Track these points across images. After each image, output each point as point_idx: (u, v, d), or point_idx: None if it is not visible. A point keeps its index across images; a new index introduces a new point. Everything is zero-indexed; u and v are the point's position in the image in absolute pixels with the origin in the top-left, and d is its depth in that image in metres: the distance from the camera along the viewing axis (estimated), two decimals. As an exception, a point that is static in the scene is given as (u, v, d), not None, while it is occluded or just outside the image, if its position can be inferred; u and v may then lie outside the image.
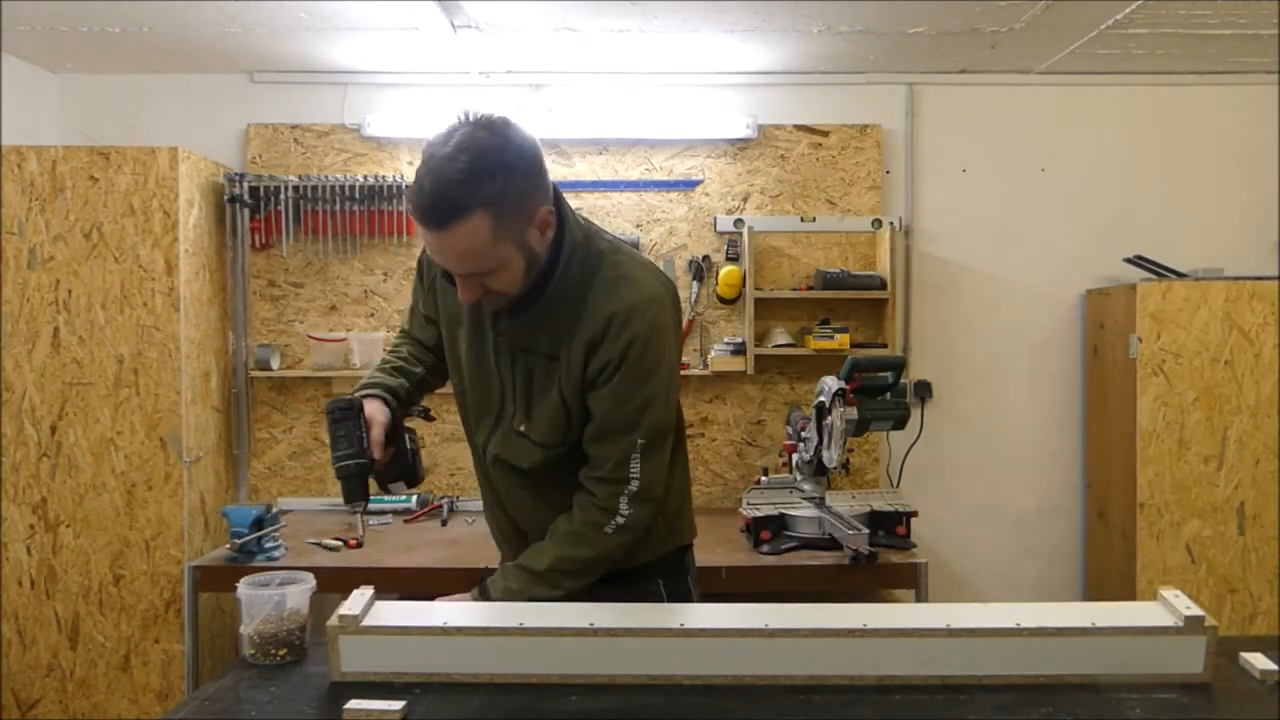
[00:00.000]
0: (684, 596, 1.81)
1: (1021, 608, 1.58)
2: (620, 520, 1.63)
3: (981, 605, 1.62)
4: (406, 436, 1.76)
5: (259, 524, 2.83)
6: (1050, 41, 3.26)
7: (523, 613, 1.57)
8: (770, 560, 2.80)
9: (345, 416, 1.67)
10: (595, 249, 1.62)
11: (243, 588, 1.68)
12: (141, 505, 3.13)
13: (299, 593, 1.69)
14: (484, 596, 1.67)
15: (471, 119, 1.46)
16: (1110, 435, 3.44)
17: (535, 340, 1.62)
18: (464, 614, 1.58)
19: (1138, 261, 3.45)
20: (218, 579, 2.83)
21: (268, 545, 2.85)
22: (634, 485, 1.62)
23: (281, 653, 1.64)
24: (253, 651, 1.65)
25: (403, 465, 1.75)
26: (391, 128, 3.56)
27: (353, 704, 1.42)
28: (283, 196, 3.48)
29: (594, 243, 1.63)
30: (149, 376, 3.13)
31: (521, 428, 1.67)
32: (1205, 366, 3.18)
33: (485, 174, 1.41)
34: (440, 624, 1.54)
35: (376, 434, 1.68)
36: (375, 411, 1.70)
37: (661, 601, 1.75)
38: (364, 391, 1.73)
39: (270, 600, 1.66)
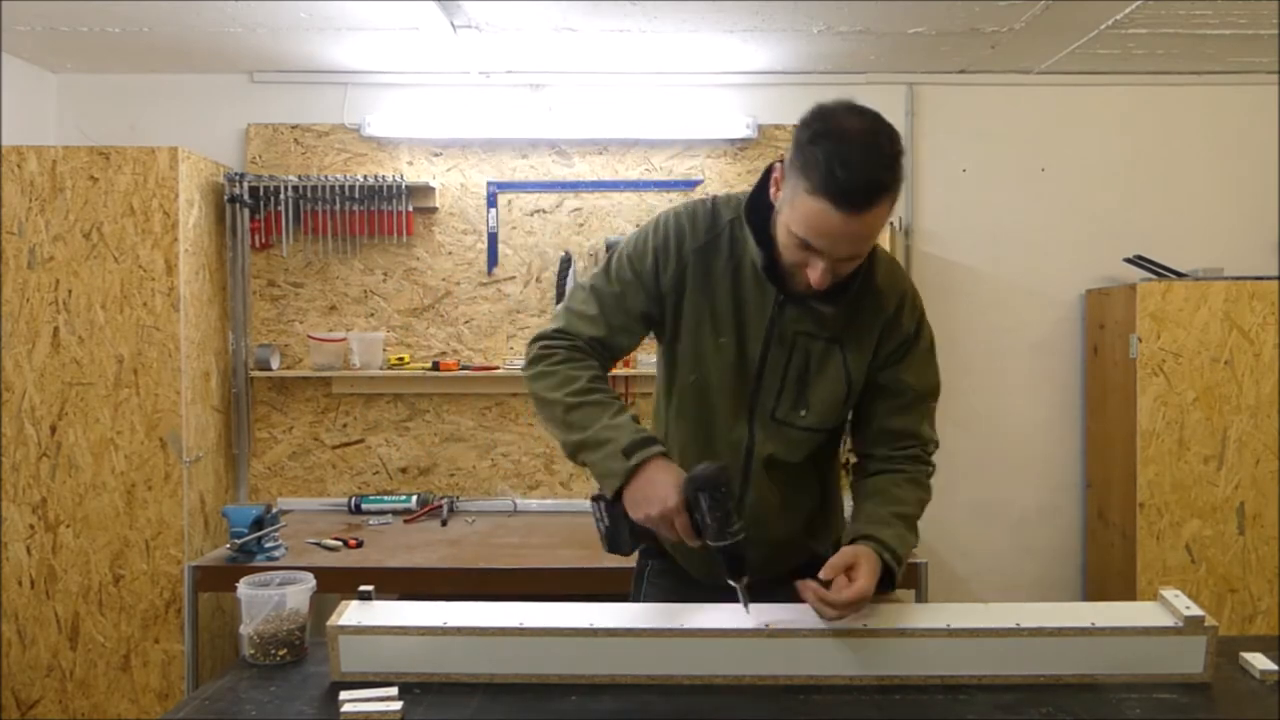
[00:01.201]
0: None
1: (1021, 607, 1.58)
2: (932, 472, 1.71)
3: (981, 605, 1.62)
4: None
5: (259, 524, 2.83)
6: (1050, 41, 3.26)
7: (522, 613, 1.57)
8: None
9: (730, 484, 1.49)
10: None
11: (243, 588, 1.68)
12: (141, 505, 3.13)
13: (299, 593, 1.69)
14: (879, 545, 1.53)
15: (838, 105, 1.48)
16: (1110, 435, 3.44)
17: (819, 323, 1.61)
18: (464, 614, 1.58)
19: (1138, 261, 3.45)
20: (218, 579, 2.83)
21: (268, 545, 2.85)
22: (933, 446, 1.70)
23: (281, 653, 1.65)
24: (253, 651, 1.65)
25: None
26: (391, 128, 3.56)
27: (351, 704, 1.42)
28: (283, 196, 3.48)
29: None
30: (149, 376, 3.13)
31: (789, 415, 1.64)
32: (1205, 366, 3.18)
33: (898, 158, 1.44)
34: (440, 624, 1.54)
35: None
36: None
37: None
38: (658, 447, 1.54)
39: (270, 600, 1.66)
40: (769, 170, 1.57)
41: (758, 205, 1.58)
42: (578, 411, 1.57)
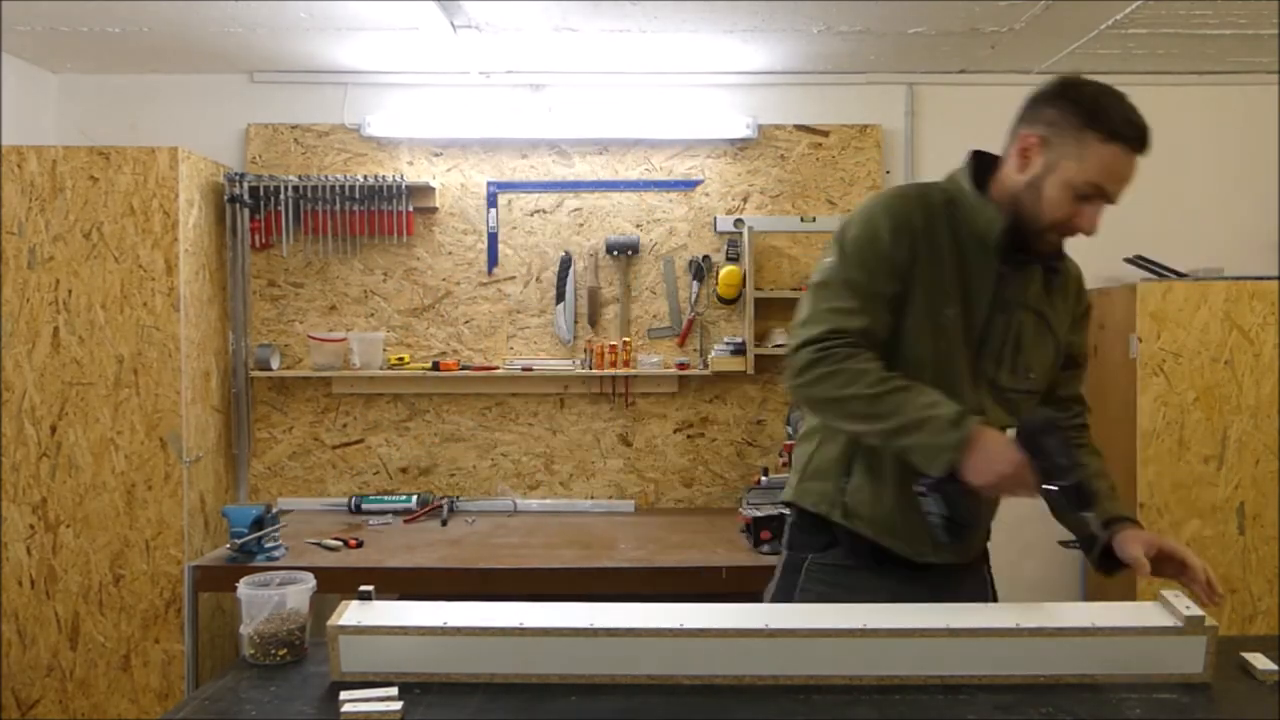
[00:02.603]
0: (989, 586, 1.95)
1: (1022, 607, 1.58)
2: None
3: (981, 605, 1.62)
4: None
5: (259, 524, 2.83)
6: (1050, 41, 3.26)
7: (522, 613, 1.57)
8: (770, 560, 2.79)
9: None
10: None
11: (243, 588, 1.68)
12: (141, 505, 3.13)
13: (299, 593, 1.69)
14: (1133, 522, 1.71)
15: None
16: (1110, 435, 3.44)
17: (1027, 296, 1.72)
18: (464, 614, 1.58)
19: (1138, 261, 3.45)
20: (218, 579, 2.83)
21: (268, 545, 2.85)
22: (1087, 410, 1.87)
23: (281, 653, 1.65)
24: (253, 651, 1.65)
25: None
26: (391, 128, 3.56)
27: (351, 704, 1.42)
28: (283, 196, 3.48)
29: None
30: (149, 376, 3.13)
31: (1013, 380, 1.71)
32: (1205, 366, 3.18)
33: None
34: (440, 624, 1.54)
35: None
36: None
37: (988, 591, 1.93)
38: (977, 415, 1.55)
39: (270, 600, 1.66)
40: (976, 154, 1.74)
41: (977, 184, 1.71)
42: (884, 400, 1.55)
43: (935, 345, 1.66)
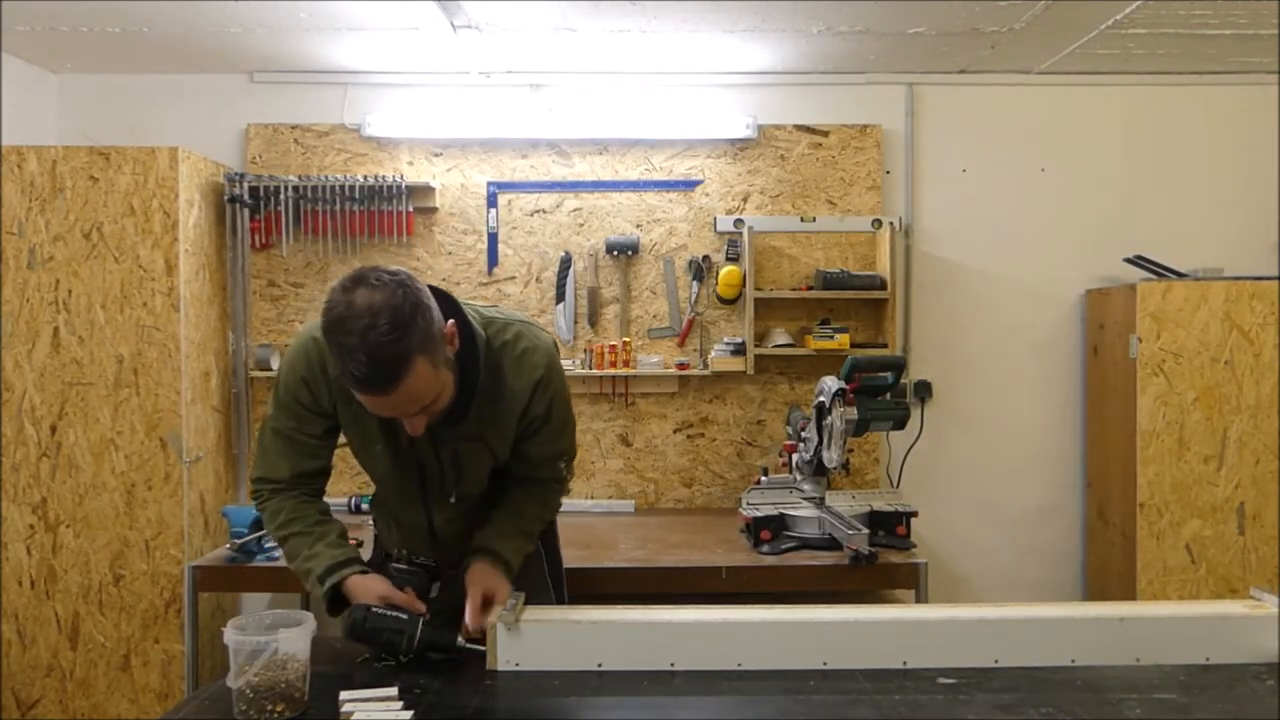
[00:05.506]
0: (554, 546, 2.16)
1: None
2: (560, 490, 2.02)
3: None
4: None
5: (259, 524, 2.82)
6: (1050, 41, 3.26)
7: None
8: (770, 560, 2.80)
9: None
10: (494, 335, 1.80)
11: (230, 633, 1.46)
12: (141, 505, 3.13)
13: (295, 636, 1.47)
14: (496, 559, 1.83)
15: (344, 285, 1.54)
16: (1110, 435, 3.44)
17: (463, 431, 1.79)
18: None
19: (1138, 261, 3.45)
20: (218, 579, 2.83)
21: (268, 545, 2.85)
22: (566, 484, 2.03)
23: (279, 708, 1.44)
24: (244, 708, 1.44)
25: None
26: (391, 128, 3.56)
27: (351, 704, 1.42)
28: (283, 196, 3.48)
29: (489, 330, 1.80)
30: (149, 376, 3.13)
31: (453, 498, 1.90)
32: (1205, 366, 3.18)
33: (407, 323, 1.53)
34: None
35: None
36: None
37: (538, 553, 2.05)
38: (350, 569, 1.79)
39: (262, 648, 1.43)
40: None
41: None
42: (285, 545, 1.86)
43: (380, 470, 1.90)
